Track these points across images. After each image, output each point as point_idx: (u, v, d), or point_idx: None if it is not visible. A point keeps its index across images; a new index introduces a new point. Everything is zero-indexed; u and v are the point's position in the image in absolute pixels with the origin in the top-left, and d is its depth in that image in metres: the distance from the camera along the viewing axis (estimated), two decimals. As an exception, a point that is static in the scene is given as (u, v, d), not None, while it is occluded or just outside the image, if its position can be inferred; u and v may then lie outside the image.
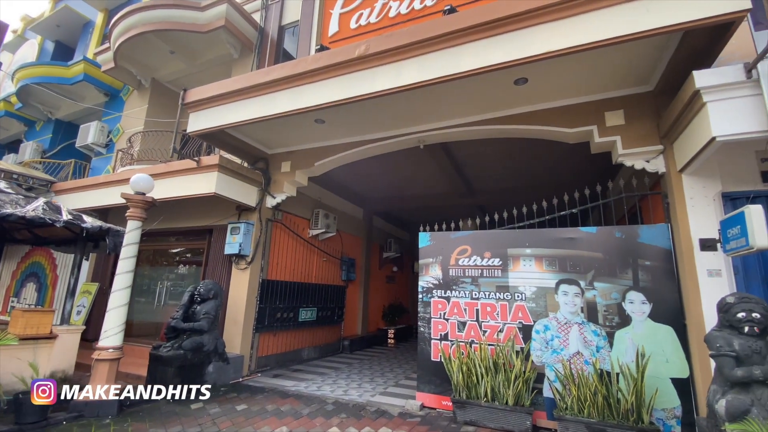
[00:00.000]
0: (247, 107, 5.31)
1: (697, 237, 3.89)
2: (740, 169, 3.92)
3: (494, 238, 4.90)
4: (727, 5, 3.17)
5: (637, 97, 4.53)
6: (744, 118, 3.29)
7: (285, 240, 7.31)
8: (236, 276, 6.41)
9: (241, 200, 6.30)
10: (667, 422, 3.76)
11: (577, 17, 3.63)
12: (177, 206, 6.93)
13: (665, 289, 4.05)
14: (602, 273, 4.30)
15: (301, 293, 7.54)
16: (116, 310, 4.65)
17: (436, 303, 5.06)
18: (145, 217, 4.95)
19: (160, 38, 7.93)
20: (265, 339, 6.67)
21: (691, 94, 3.52)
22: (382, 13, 5.85)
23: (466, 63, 4.02)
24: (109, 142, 9.58)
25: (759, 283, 3.71)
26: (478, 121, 5.25)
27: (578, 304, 4.33)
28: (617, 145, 4.49)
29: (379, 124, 5.68)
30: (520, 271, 4.68)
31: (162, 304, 7.56)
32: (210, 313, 5.36)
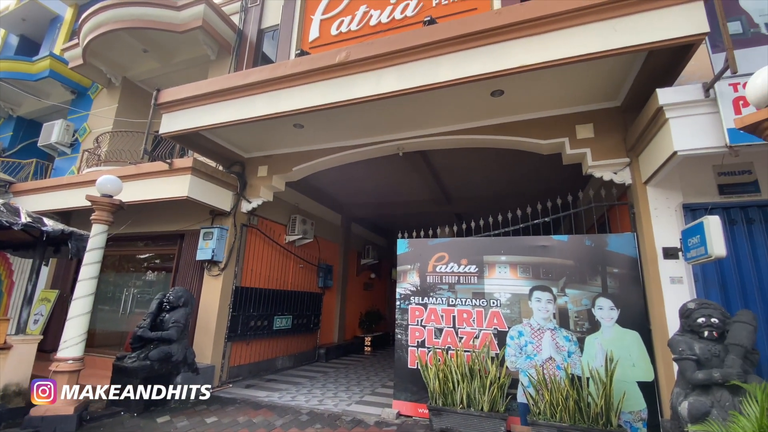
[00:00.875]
0: (224, 109, 5.20)
1: (661, 246, 4.08)
2: (699, 182, 4.16)
3: (471, 246, 4.97)
4: (687, 28, 3.38)
5: (606, 111, 4.74)
6: (703, 134, 3.50)
7: (260, 246, 7.16)
8: (208, 283, 6.21)
9: (215, 204, 6.13)
10: (633, 424, 3.89)
11: (550, 34, 3.78)
12: (147, 210, 6.67)
13: (632, 295, 4.22)
14: (573, 280, 4.43)
15: (276, 300, 7.38)
16: (77, 318, 4.40)
17: (414, 310, 5.07)
18: (111, 220, 4.74)
19: (134, 36, 7.68)
20: (237, 348, 6.47)
21: (654, 110, 3.72)
22: (363, 21, 5.90)
23: (445, 73, 4.10)
24: (75, 142, 9.13)
25: (717, 290, 3.92)
26: (456, 131, 5.35)
27: (551, 311, 4.44)
28: (587, 157, 4.67)
29: (359, 131, 5.69)
30: (495, 278, 4.76)
31: (128, 313, 7.22)
32: (179, 321, 5.16)
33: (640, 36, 3.51)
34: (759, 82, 2.46)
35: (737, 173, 4.12)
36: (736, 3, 3.93)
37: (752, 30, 3.80)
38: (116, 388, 4.70)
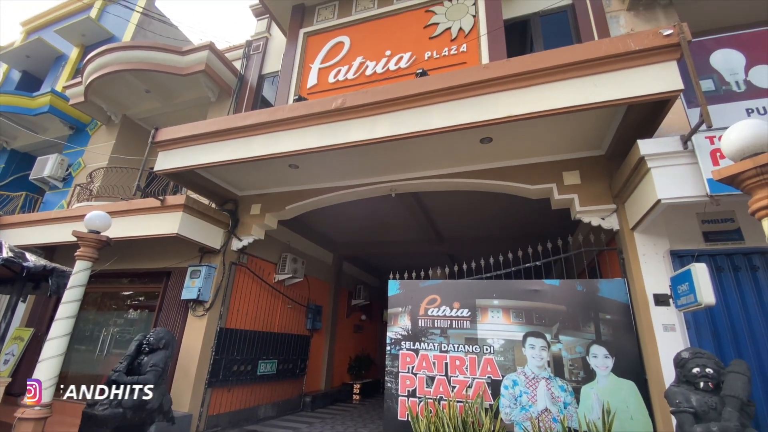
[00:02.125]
0: (221, 149, 5.29)
1: (651, 292, 4.08)
2: (685, 229, 4.25)
3: (463, 288, 4.92)
4: (662, 85, 3.62)
5: (591, 159, 4.93)
6: (684, 184, 3.64)
7: (248, 285, 7.00)
8: (192, 324, 5.98)
9: (205, 242, 6.06)
10: (635, 484, 3.68)
11: (534, 87, 4.01)
12: (134, 246, 6.56)
13: (626, 343, 4.15)
14: (566, 326, 4.37)
15: (262, 343, 7.09)
16: (50, 360, 4.17)
17: (405, 356, 4.90)
18: (96, 257, 4.63)
19: (137, 77, 7.95)
20: (218, 395, 6.11)
21: (637, 159, 3.88)
22: (359, 71, 6.21)
23: (436, 121, 4.27)
24: (68, 176, 9.13)
25: (710, 338, 3.89)
26: (447, 174, 5.49)
27: (545, 358, 4.33)
28: (575, 202, 4.79)
29: (352, 172, 5.80)
30: (488, 323, 4.67)
31: (105, 354, 6.85)
32: (158, 365, 4.89)
33: (618, 91, 3.73)
34: (733, 137, 2.59)
35: (720, 221, 4.22)
36: (707, 63, 4.23)
37: (724, 87, 4.06)
38: (83, 440, 4.37)
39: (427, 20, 6.18)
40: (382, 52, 6.18)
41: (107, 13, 11.02)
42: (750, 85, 3.98)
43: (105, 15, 11.10)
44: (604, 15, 5.94)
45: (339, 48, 6.57)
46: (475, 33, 5.70)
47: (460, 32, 5.84)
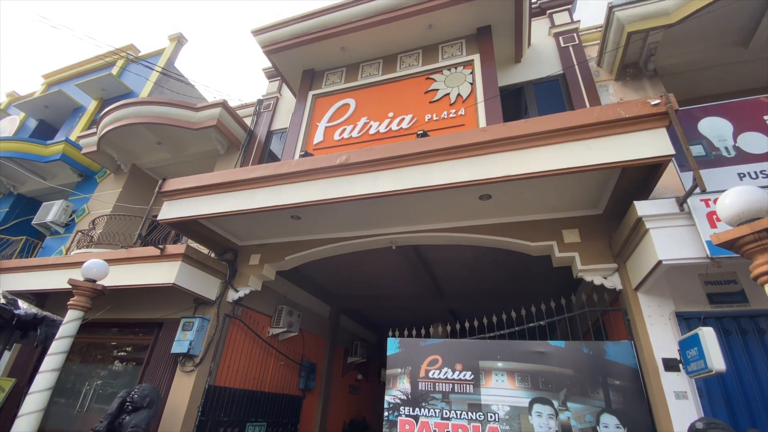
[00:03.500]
0: (225, 200, 5.39)
1: (660, 356, 3.93)
2: (689, 291, 4.18)
3: (465, 349, 4.74)
4: (653, 150, 3.78)
5: (590, 218, 5.00)
6: (684, 245, 3.66)
7: (241, 339, 6.74)
8: (179, 379, 5.68)
9: (201, 293, 5.95)
10: None
11: (529, 149, 4.18)
12: (128, 295, 6.43)
13: (637, 411, 3.92)
14: (574, 392, 4.15)
15: (251, 404, 6.67)
16: (28, 416, 3.90)
17: (403, 423, 4.59)
18: (89, 306, 4.53)
19: (150, 130, 8.32)
20: (200, 461, 5.63)
21: (635, 220, 3.94)
22: (363, 130, 6.52)
23: (436, 178, 4.40)
24: (70, 222, 9.20)
25: (723, 406, 3.68)
26: (446, 228, 5.54)
27: (553, 427, 4.06)
28: (576, 260, 4.78)
29: (353, 224, 5.86)
30: (492, 387, 4.44)
31: (85, 410, 6.43)
32: (140, 426, 4.58)
33: (612, 155, 3.89)
34: (728, 202, 2.66)
35: (723, 283, 4.18)
36: (695, 129, 4.43)
37: (714, 153, 4.23)
38: None
39: (427, 86, 6.61)
40: (386, 114, 6.53)
41: (128, 72, 11.80)
42: (739, 150, 4.16)
43: (126, 72, 11.87)
44: (594, 84, 6.37)
45: (345, 109, 6.95)
46: (472, 98, 6.07)
47: (459, 98, 6.22)
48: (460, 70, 6.54)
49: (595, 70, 6.63)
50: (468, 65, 6.52)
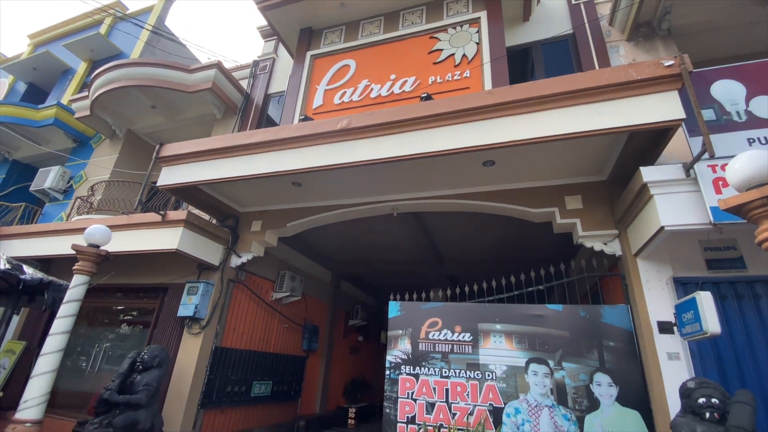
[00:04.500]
0: (225, 166, 5.32)
1: (655, 319, 4.04)
2: (688, 256, 4.23)
3: (465, 312, 4.86)
4: (664, 114, 3.68)
5: (593, 184, 4.96)
6: (687, 211, 3.64)
7: (245, 303, 6.90)
8: (187, 341, 5.86)
9: (204, 258, 6.01)
10: None
11: (537, 113, 4.07)
12: (132, 261, 6.49)
13: (630, 371, 4.08)
14: (570, 353, 4.30)
15: (257, 364, 6.93)
16: (42, 377, 4.05)
17: (404, 381, 4.79)
18: (94, 272, 4.58)
19: (143, 93, 8.06)
20: (210, 417, 5.92)
21: (639, 186, 3.91)
22: (364, 93, 6.31)
23: (439, 144, 4.31)
24: (68, 188, 9.12)
25: (714, 367, 3.82)
26: (448, 195, 5.51)
27: (548, 385, 4.24)
28: (577, 227, 4.79)
29: (355, 191, 5.82)
30: (490, 348, 4.59)
31: (96, 370, 6.69)
32: (151, 384, 4.77)
33: (621, 119, 3.79)
34: (738, 167, 2.62)
35: (723, 249, 4.22)
36: (708, 93, 4.30)
37: (725, 117, 4.13)
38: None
39: (431, 46, 6.33)
40: (387, 76, 6.30)
41: (117, 30, 11.27)
42: (751, 115, 4.05)
43: (114, 31, 11.35)
44: (604, 45, 6.11)
45: (345, 71, 6.70)
46: (478, 60, 5.84)
47: (464, 58, 5.98)
48: (466, 28, 6.24)
49: (607, 30, 6.34)
50: (474, 23, 6.21)
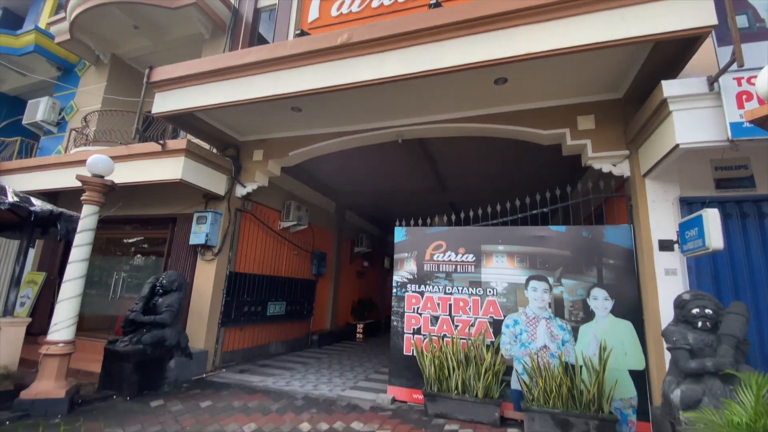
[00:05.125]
0: (219, 90, 5.05)
1: (657, 238, 4.13)
2: (697, 176, 4.20)
3: (469, 235, 4.97)
4: (695, 20, 3.36)
5: (607, 103, 4.73)
6: (705, 128, 3.51)
7: (254, 231, 7.07)
8: (201, 268, 6.12)
9: (209, 188, 6.01)
10: (624, 411, 3.98)
11: (557, 21, 3.72)
12: (138, 192, 6.52)
13: (626, 286, 4.27)
14: (570, 270, 4.47)
15: (270, 287, 7.34)
16: (69, 301, 4.30)
17: (410, 297, 5.08)
18: (103, 201, 4.61)
19: (124, 11, 7.39)
20: (231, 333, 6.43)
21: (658, 102, 3.72)
22: (364, 3, 5.75)
23: (450, 59, 4.02)
24: (61, 121, 8.84)
25: (710, 282, 4.00)
26: (457, 119, 5.30)
27: (546, 300, 4.49)
28: (587, 148, 4.67)
29: (358, 116, 5.60)
30: (492, 267, 4.78)
31: (117, 297, 7.11)
32: (173, 305, 5.09)
33: (647, 26, 3.47)
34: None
35: (734, 168, 4.17)
36: (743, -4, 3.91)
37: (758, 24, 3.79)
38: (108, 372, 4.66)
39: (439, -56, 5.60)
40: (390, -17, 5.68)
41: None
42: (788, 21, 3.70)
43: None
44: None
45: (342, -24, 6.03)
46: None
47: (476, -42, 5.32)
48: None
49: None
50: None
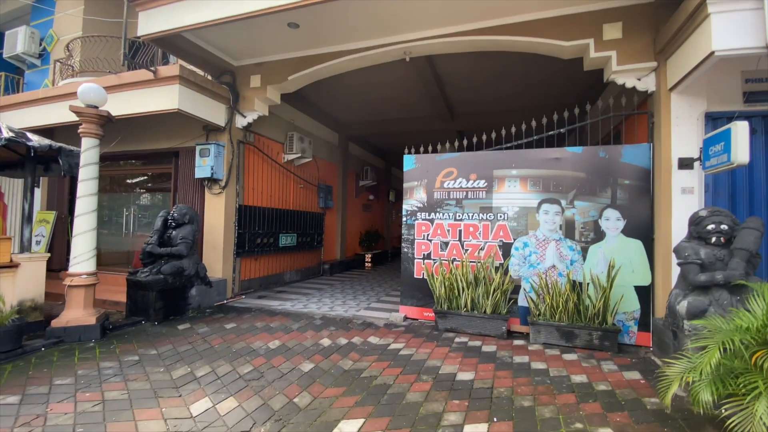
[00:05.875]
0: (209, 4, 4.59)
1: (677, 156, 4.00)
2: (725, 89, 3.96)
3: (481, 160, 4.85)
4: None
5: (637, 8, 4.28)
6: (744, 33, 3.21)
7: (259, 164, 6.95)
8: (210, 201, 6.12)
9: (209, 119, 5.77)
10: (626, 323, 4.20)
11: None
12: (135, 126, 6.30)
13: (640, 206, 4.24)
14: (583, 192, 4.42)
15: (280, 219, 7.42)
16: (84, 235, 4.35)
17: (420, 225, 5.11)
18: (101, 134, 4.45)
19: None
20: (246, 263, 6.65)
21: (695, 4, 3.35)
22: None
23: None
24: (43, 52, 8.27)
25: (725, 199, 3.96)
26: (470, 31, 4.86)
27: (557, 222, 4.50)
28: (612, 61, 4.33)
29: (360, 31, 5.14)
30: (504, 192, 4.73)
31: (131, 233, 7.24)
32: (187, 237, 5.17)
33: None
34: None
35: (764, 80, 3.91)
36: None
37: None
38: (133, 301, 4.89)
39: None
40: None
41: None
42: None
43: None
44: None
45: None
46: None
47: None
48: None
49: None
50: None
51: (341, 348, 3.95)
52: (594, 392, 3.01)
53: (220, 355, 3.69)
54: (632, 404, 2.83)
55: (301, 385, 3.10)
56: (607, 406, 2.79)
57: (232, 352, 3.77)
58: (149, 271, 4.99)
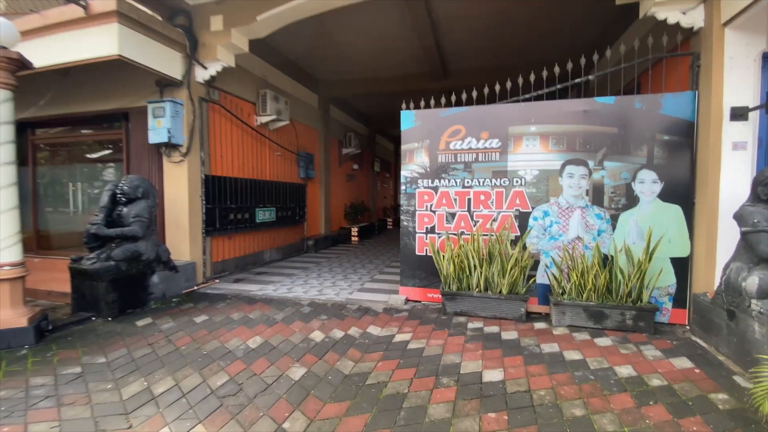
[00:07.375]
0: None
1: (729, 105, 3.39)
2: (786, 25, 3.30)
3: (494, 115, 4.10)
4: None
5: None
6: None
7: (227, 127, 5.96)
8: (170, 171, 5.17)
9: (161, 70, 4.72)
10: (659, 299, 3.71)
11: None
12: (72, 82, 5.18)
13: (680, 166, 3.65)
14: (614, 151, 3.78)
15: (256, 191, 6.53)
16: (4, 215, 3.42)
17: (422, 194, 4.40)
18: (14, 83, 3.41)
19: None
20: (218, 243, 5.81)
21: None
22: None
23: None
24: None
25: (780, 156, 3.41)
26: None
27: (584, 187, 3.88)
28: (654, -11, 3.59)
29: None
30: (521, 153, 4.04)
31: (80, 210, 6.22)
32: (142, 215, 4.28)
33: None
34: None
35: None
36: None
37: None
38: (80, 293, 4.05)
39: None
40: None
41: None
42: None
43: None
44: None
45: None
46: None
47: None
48: None
49: None
50: None
51: (337, 343, 3.29)
52: (650, 390, 2.49)
53: (187, 361, 2.97)
54: (700, 405, 2.32)
55: (291, 401, 2.43)
56: (674, 410, 2.27)
57: (202, 356, 3.05)
58: (96, 257, 4.11)
